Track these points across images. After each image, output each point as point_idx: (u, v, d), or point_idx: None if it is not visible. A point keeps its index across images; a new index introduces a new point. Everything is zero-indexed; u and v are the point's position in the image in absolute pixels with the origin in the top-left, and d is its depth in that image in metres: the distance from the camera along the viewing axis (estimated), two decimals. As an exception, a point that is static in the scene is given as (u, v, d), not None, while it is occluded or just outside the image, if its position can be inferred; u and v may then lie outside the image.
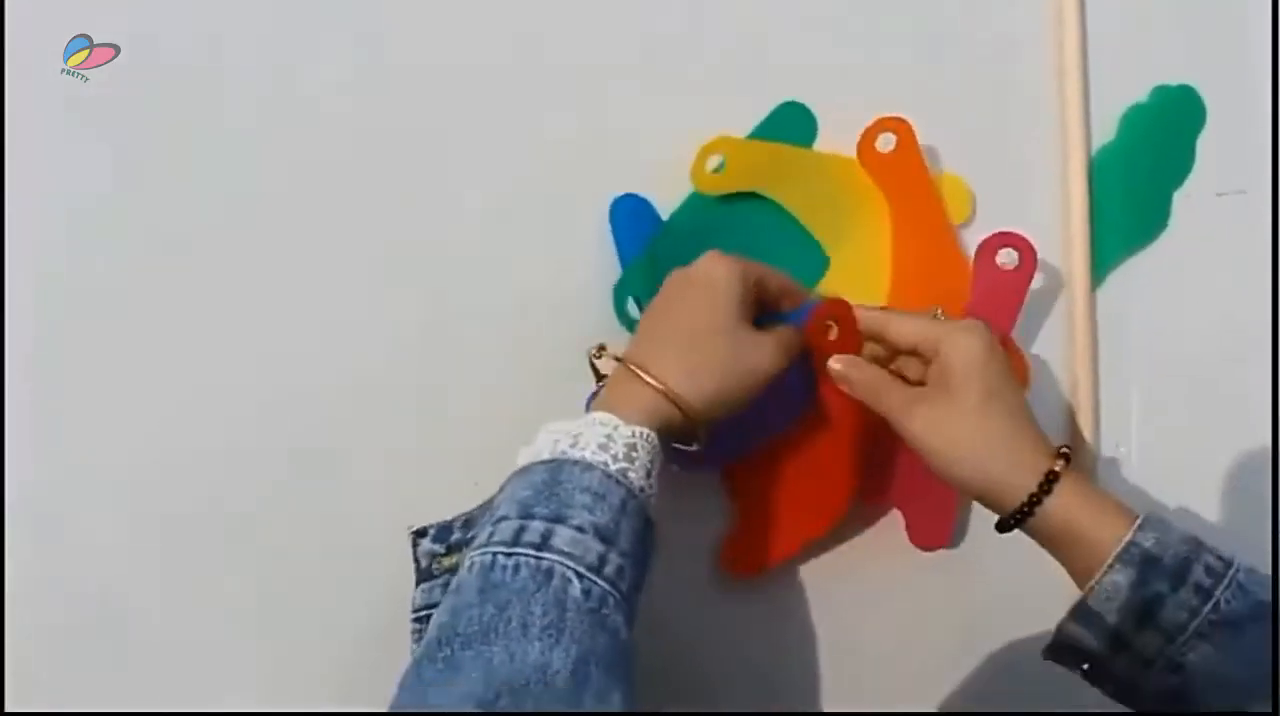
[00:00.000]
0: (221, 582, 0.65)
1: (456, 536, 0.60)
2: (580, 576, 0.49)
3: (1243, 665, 0.53)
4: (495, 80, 0.69)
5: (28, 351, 0.64)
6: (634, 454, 0.53)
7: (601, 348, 0.61)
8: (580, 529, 0.50)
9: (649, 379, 0.56)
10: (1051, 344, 0.74)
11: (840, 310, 0.64)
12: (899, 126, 0.70)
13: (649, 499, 0.54)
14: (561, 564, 0.49)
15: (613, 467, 0.52)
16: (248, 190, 0.66)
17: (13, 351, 0.64)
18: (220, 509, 0.65)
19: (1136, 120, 0.75)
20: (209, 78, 0.66)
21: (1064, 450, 0.59)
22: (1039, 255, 0.68)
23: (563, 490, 0.51)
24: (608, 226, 0.69)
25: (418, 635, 0.58)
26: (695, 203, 0.70)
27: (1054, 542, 0.58)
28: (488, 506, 0.55)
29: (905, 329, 0.63)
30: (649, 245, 0.69)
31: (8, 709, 0.61)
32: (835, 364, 0.63)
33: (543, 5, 0.70)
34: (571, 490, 0.51)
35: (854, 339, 0.64)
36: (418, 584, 0.60)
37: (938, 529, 0.71)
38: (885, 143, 0.70)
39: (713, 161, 0.70)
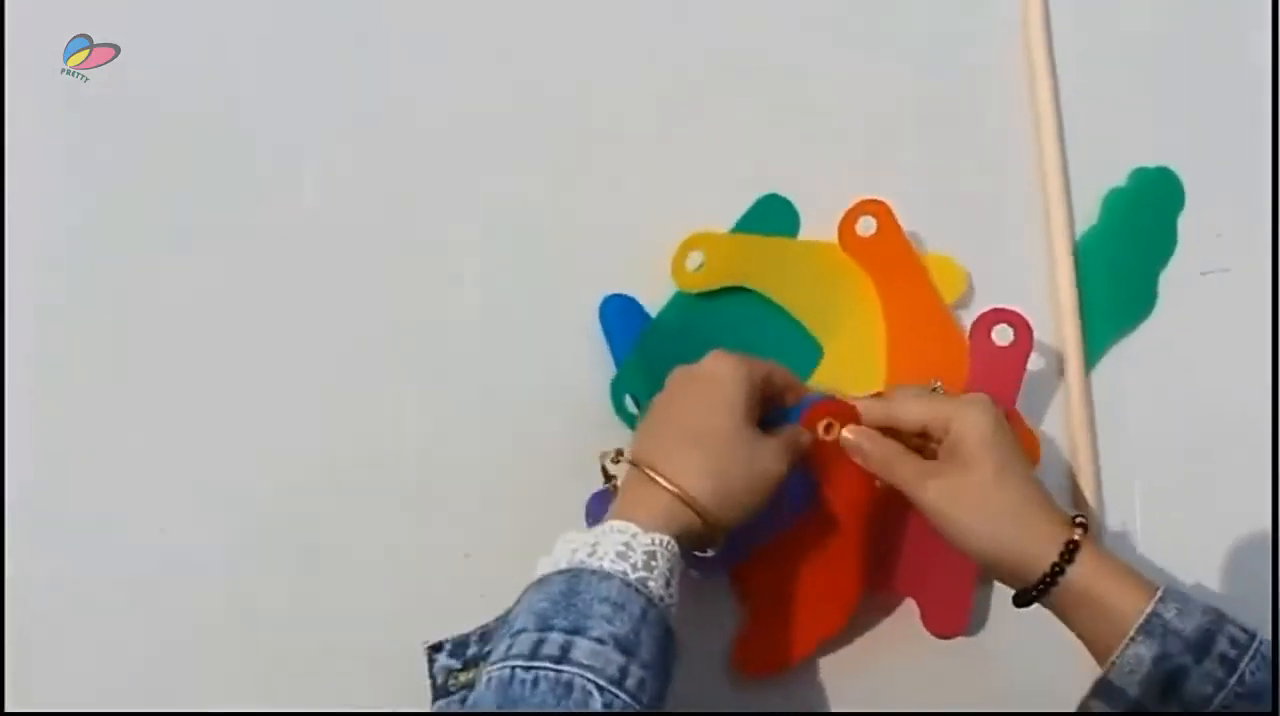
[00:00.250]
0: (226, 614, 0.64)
1: (473, 651, 0.59)
2: (601, 689, 0.47)
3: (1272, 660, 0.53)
4: (487, 164, 0.70)
5: (28, 352, 0.64)
6: (653, 562, 0.52)
7: (619, 452, 0.60)
8: (600, 640, 0.49)
9: (665, 483, 0.55)
10: (1050, 427, 0.74)
11: (836, 408, 0.63)
12: (878, 209, 0.70)
13: (669, 608, 0.53)
14: (582, 677, 0.47)
15: (632, 576, 0.51)
16: (247, 196, 0.67)
17: (13, 352, 0.64)
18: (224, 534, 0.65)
19: (1117, 203, 0.76)
20: (209, 78, 0.67)
21: (1080, 519, 0.58)
22: (1034, 338, 0.68)
23: (581, 600, 0.50)
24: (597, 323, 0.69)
25: None
26: (681, 300, 0.70)
27: (1075, 613, 0.57)
28: (504, 619, 0.53)
29: (912, 411, 0.63)
30: (640, 342, 0.68)
31: (8, 709, 0.61)
32: (849, 435, 0.63)
33: (527, 102, 0.71)
34: (590, 600, 0.50)
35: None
36: (434, 700, 0.58)
37: (954, 615, 0.68)
38: (866, 226, 0.71)
39: (693, 259, 0.70)
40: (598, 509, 0.66)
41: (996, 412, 0.60)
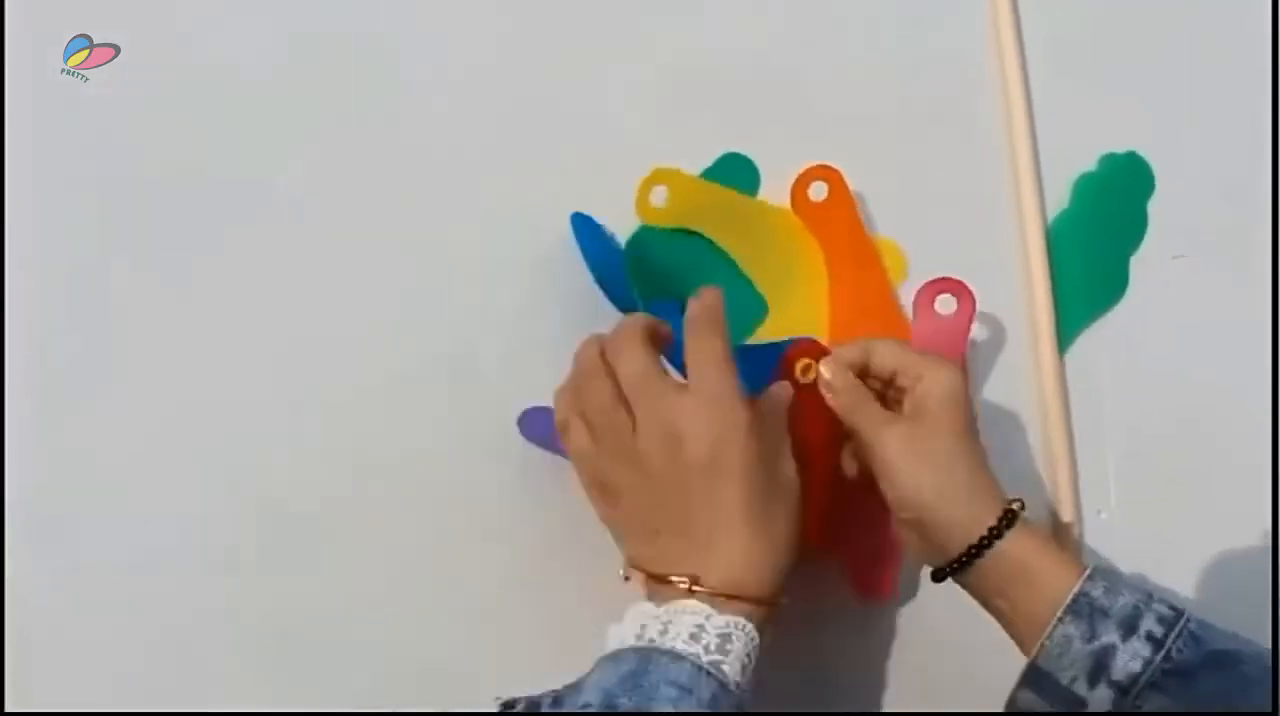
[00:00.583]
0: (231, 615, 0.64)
1: (546, 711, 0.56)
2: None
3: (1272, 658, 0.53)
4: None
5: (28, 353, 0.65)
6: (728, 646, 0.51)
7: (692, 580, 0.54)
8: None
9: (724, 594, 0.52)
10: (1024, 409, 0.74)
11: (817, 349, 0.64)
12: (830, 175, 0.72)
13: (745, 694, 0.51)
14: None
15: (704, 660, 0.50)
16: (247, 196, 0.68)
17: (13, 352, 0.64)
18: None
19: (1088, 188, 0.77)
20: (209, 78, 0.68)
21: (1017, 499, 0.59)
22: (1006, 324, 0.70)
23: (649, 681, 0.49)
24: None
25: None
26: (641, 235, 0.72)
27: (1004, 588, 0.56)
28: (575, 686, 0.53)
29: (887, 355, 0.62)
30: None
31: (8, 709, 0.61)
32: (824, 369, 0.62)
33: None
34: (658, 682, 0.49)
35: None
36: None
37: (881, 580, 0.69)
38: (818, 191, 0.72)
39: (657, 194, 0.71)
40: (533, 427, 0.66)
41: (964, 378, 0.61)
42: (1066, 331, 0.75)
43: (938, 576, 0.59)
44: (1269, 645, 0.56)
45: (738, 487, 0.54)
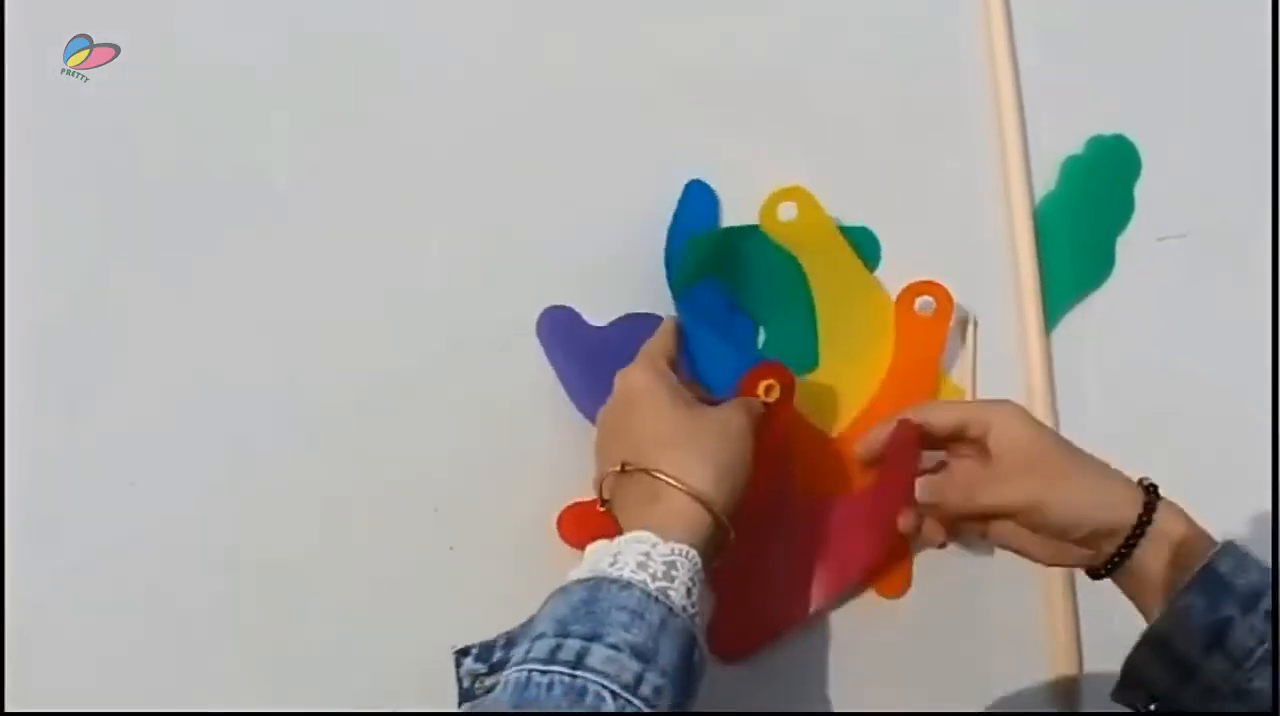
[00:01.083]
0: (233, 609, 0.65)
1: (499, 656, 0.60)
2: (615, 695, 0.48)
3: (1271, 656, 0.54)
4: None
5: (28, 352, 0.64)
6: (673, 572, 0.53)
7: (625, 464, 0.59)
8: (616, 647, 0.49)
9: (673, 482, 0.56)
10: (1010, 388, 0.75)
11: (773, 370, 0.66)
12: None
13: (692, 617, 0.53)
14: (596, 682, 0.48)
15: (652, 586, 0.52)
16: (247, 196, 0.68)
17: (13, 351, 0.64)
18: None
19: (1075, 170, 0.78)
20: (209, 78, 0.68)
21: (1147, 480, 0.61)
22: (994, 303, 0.71)
23: (599, 608, 0.51)
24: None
25: None
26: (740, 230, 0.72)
27: (1145, 562, 0.59)
28: (527, 624, 0.55)
29: (943, 418, 0.64)
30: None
31: (8, 709, 0.61)
32: (921, 493, 0.64)
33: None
34: (608, 608, 0.51)
35: (791, 398, 0.66)
36: (460, 702, 0.60)
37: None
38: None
39: (785, 209, 0.72)
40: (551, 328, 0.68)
41: (1021, 406, 0.63)
42: (1052, 311, 0.76)
43: (1095, 574, 0.62)
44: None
45: (656, 409, 0.60)
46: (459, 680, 0.60)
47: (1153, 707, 0.58)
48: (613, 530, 0.58)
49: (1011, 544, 0.64)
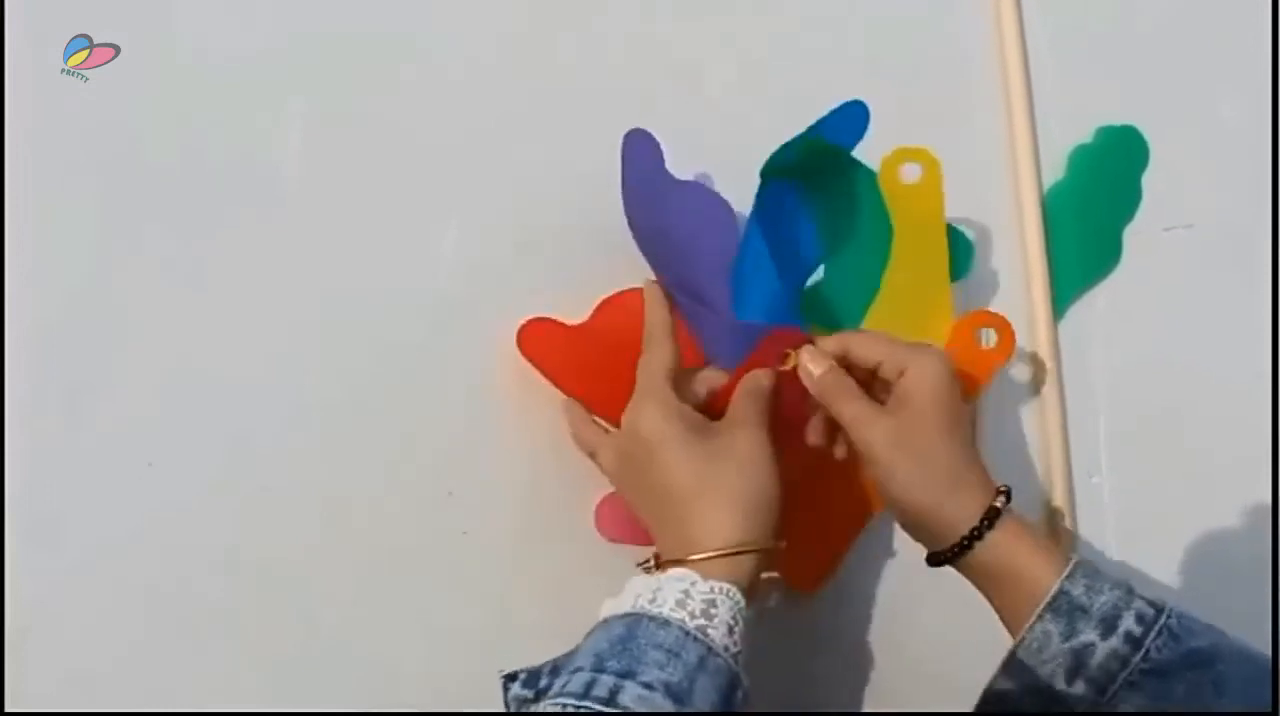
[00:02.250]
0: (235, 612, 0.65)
1: (545, 682, 0.59)
2: None
3: (1272, 657, 0.54)
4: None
5: (28, 351, 0.64)
6: (713, 610, 0.53)
7: (658, 558, 0.58)
8: (649, 686, 0.49)
9: (712, 554, 0.55)
10: (1018, 375, 0.77)
11: (794, 337, 0.64)
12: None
13: (734, 656, 0.52)
14: None
15: (690, 625, 0.52)
16: (247, 195, 0.67)
17: (13, 352, 0.64)
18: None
19: (1083, 160, 0.78)
20: (209, 78, 0.67)
21: (1004, 488, 0.59)
22: (1003, 292, 0.72)
23: (636, 646, 0.51)
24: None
25: None
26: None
27: (988, 583, 0.58)
28: (571, 654, 0.55)
29: (869, 348, 0.62)
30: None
31: (8, 709, 0.61)
32: (806, 357, 0.63)
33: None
34: (644, 646, 0.51)
35: None
36: None
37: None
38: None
39: (909, 170, 0.69)
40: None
41: (951, 366, 0.61)
42: (1061, 300, 0.77)
43: (932, 562, 0.60)
44: (1259, 619, 0.59)
45: (676, 456, 0.58)
46: (506, 705, 0.59)
47: None
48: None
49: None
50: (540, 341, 0.67)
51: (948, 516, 0.58)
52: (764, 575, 0.58)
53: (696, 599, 0.53)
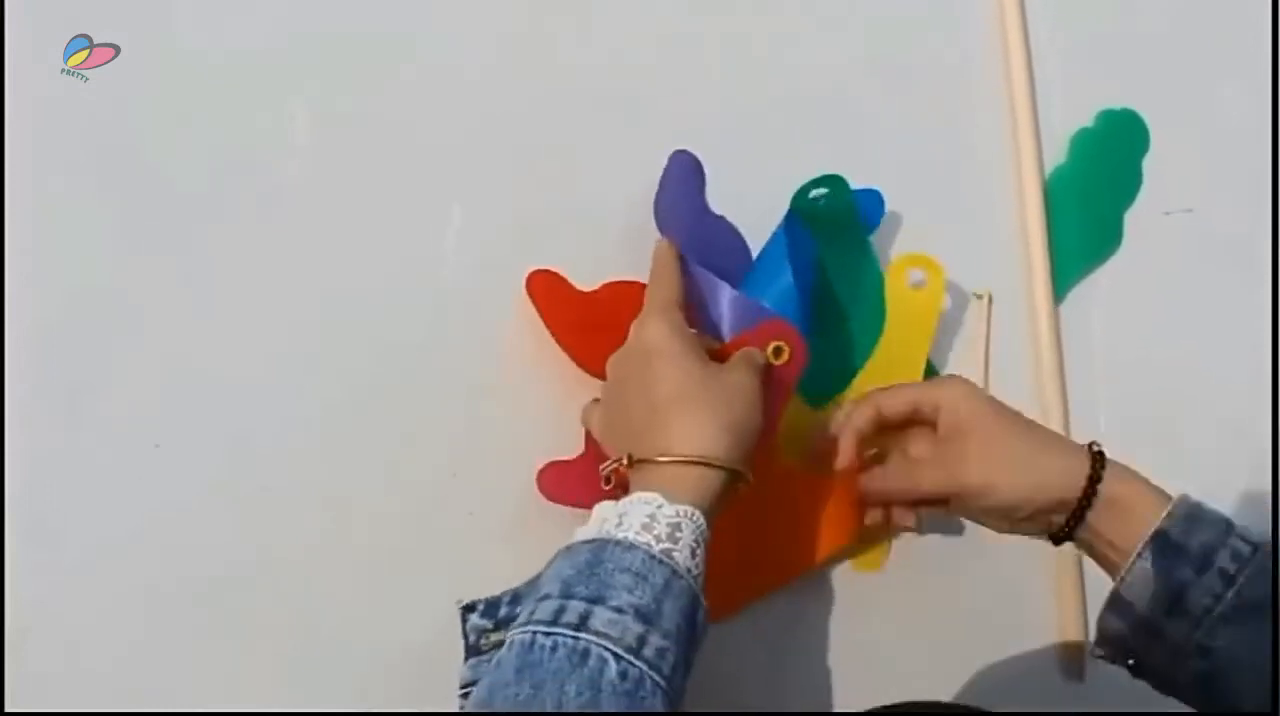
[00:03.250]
0: (238, 598, 0.65)
1: (504, 612, 0.60)
2: (618, 657, 0.48)
3: (1266, 647, 0.55)
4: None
5: (27, 353, 0.64)
6: (678, 533, 0.53)
7: (626, 459, 0.58)
8: (619, 610, 0.49)
9: (684, 459, 0.55)
10: (1020, 358, 0.77)
11: (784, 330, 0.64)
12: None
13: (696, 578, 0.53)
14: (598, 645, 0.48)
15: (655, 548, 0.52)
16: (247, 196, 0.67)
17: (12, 352, 0.64)
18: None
19: (1085, 143, 0.79)
20: (209, 78, 0.67)
21: (1095, 445, 0.61)
22: (1004, 274, 0.72)
23: (603, 570, 0.51)
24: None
25: (463, 709, 0.59)
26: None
27: (1098, 526, 0.59)
28: (533, 582, 0.55)
29: (898, 398, 0.65)
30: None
31: (8, 709, 0.61)
32: (871, 483, 0.65)
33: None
34: (612, 571, 0.51)
35: (799, 365, 0.65)
36: (465, 659, 0.60)
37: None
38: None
39: (914, 275, 0.72)
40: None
41: (973, 384, 0.64)
42: (1062, 283, 0.78)
43: (1059, 540, 0.62)
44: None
45: (672, 367, 0.59)
46: (464, 635, 0.61)
47: (1130, 664, 0.59)
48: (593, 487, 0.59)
49: (971, 517, 0.65)
50: (547, 290, 0.68)
51: (1060, 479, 0.60)
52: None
53: (662, 522, 0.53)
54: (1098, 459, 0.60)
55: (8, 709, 0.61)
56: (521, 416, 0.69)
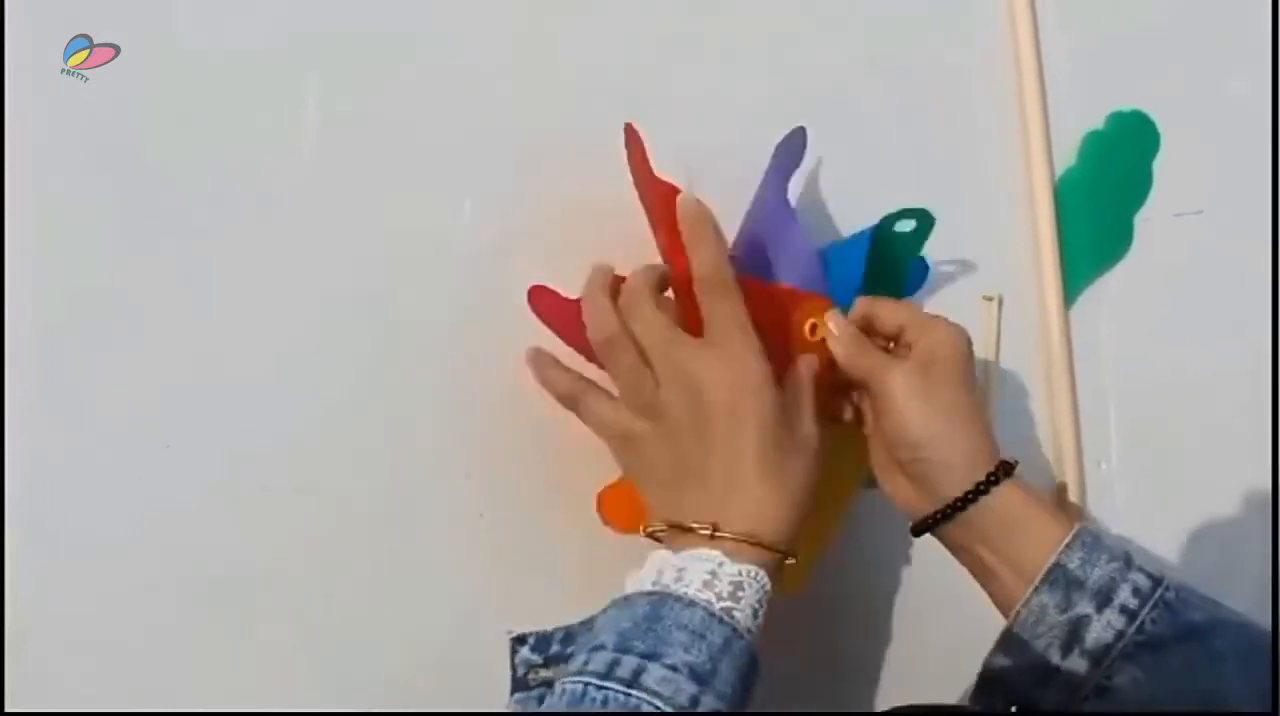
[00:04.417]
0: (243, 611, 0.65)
1: (555, 649, 0.59)
2: None
3: (1169, 688, 0.54)
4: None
5: (27, 353, 0.64)
6: (740, 592, 0.52)
7: (705, 525, 0.55)
8: (674, 668, 0.48)
9: (743, 540, 0.54)
10: (1029, 363, 0.77)
11: (822, 307, 0.63)
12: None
13: (755, 640, 0.52)
14: (650, 702, 0.47)
15: (716, 606, 0.51)
16: (248, 196, 0.67)
17: (13, 352, 0.64)
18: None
19: (1095, 145, 0.78)
20: (210, 78, 0.67)
21: (1011, 460, 0.59)
22: (1014, 277, 0.72)
23: (662, 626, 0.50)
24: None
25: None
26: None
27: (989, 540, 0.58)
28: (588, 624, 0.54)
29: (893, 314, 0.63)
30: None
31: (8, 709, 0.61)
32: (830, 322, 0.62)
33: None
34: (670, 627, 0.50)
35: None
36: (513, 692, 0.60)
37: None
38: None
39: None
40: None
41: (969, 339, 0.62)
42: (1072, 286, 0.77)
43: (918, 529, 0.60)
44: (1262, 603, 0.59)
45: (754, 435, 0.55)
46: (513, 667, 0.60)
47: (1013, 710, 0.58)
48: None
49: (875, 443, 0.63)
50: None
51: (958, 466, 0.58)
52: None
53: (724, 580, 0.52)
54: (1004, 467, 0.58)
55: (8, 709, 0.61)
56: (535, 415, 0.68)
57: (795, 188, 0.71)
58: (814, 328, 0.63)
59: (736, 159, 0.68)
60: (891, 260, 0.68)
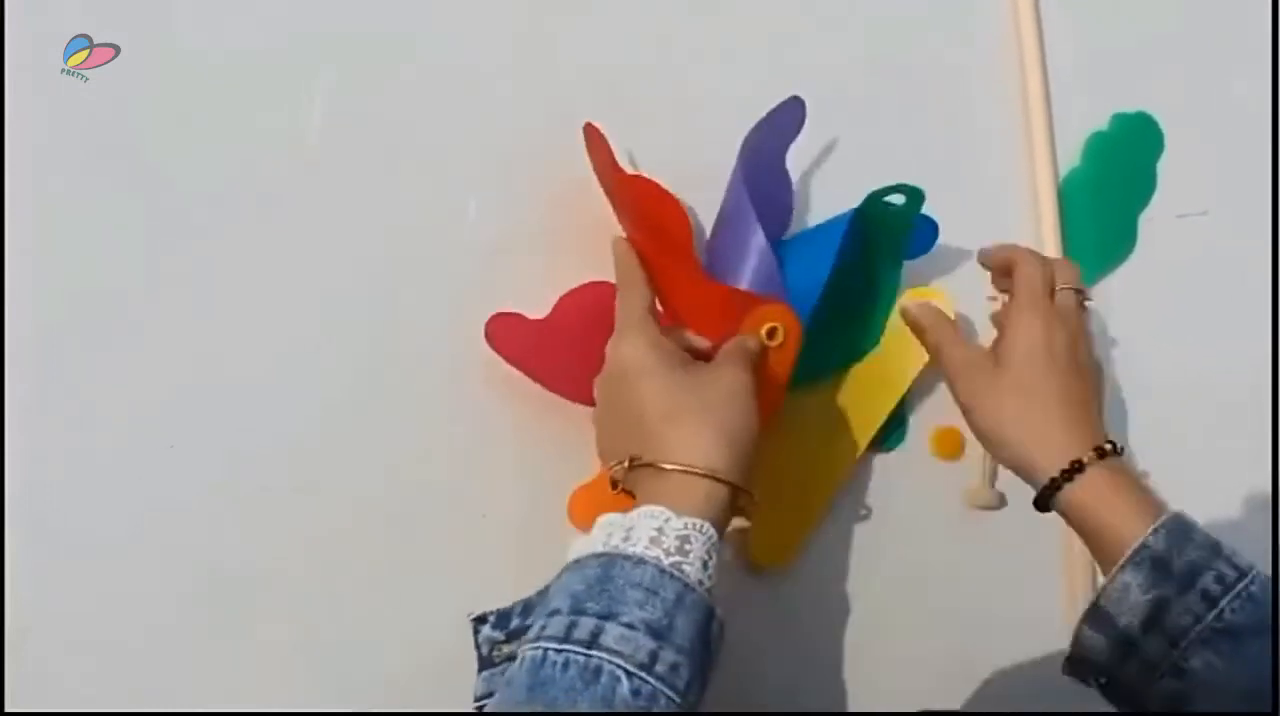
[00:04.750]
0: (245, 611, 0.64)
1: (516, 623, 0.60)
2: (629, 675, 0.48)
3: (1245, 675, 0.54)
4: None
5: (27, 353, 0.64)
6: (687, 546, 0.52)
7: (634, 459, 0.57)
8: (630, 626, 0.49)
9: (684, 468, 0.55)
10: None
11: (786, 316, 0.63)
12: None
13: (709, 591, 0.52)
14: (610, 662, 0.48)
15: (665, 562, 0.51)
16: (247, 196, 0.67)
17: (12, 352, 0.64)
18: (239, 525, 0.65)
19: (1099, 146, 0.78)
20: (209, 78, 0.67)
21: (1105, 445, 0.60)
22: None
23: (614, 586, 0.50)
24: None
25: None
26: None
27: (1082, 526, 0.59)
28: (543, 593, 0.54)
29: (1001, 253, 0.67)
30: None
31: (8, 709, 0.61)
32: (910, 303, 0.66)
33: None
34: (622, 586, 0.50)
35: (796, 346, 0.64)
36: (480, 670, 0.60)
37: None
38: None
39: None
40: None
41: (1050, 317, 0.62)
42: (1076, 285, 0.77)
43: (1037, 505, 0.61)
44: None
45: (657, 382, 0.58)
46: (477, 647, 0.60)
47: (1103, 682, 0.59)
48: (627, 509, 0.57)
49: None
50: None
51: (1039, 463, 0.59)
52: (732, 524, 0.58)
53: (670, 536, 0.52)
54: (1097, 452, 0.59)
55: (8, 709, 0.61)
56: (536, 417, 0.68)
57: (795, 187, 0.71)
58: (772, 332, 0.63)
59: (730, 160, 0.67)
60: (885, 233, 0.69)
